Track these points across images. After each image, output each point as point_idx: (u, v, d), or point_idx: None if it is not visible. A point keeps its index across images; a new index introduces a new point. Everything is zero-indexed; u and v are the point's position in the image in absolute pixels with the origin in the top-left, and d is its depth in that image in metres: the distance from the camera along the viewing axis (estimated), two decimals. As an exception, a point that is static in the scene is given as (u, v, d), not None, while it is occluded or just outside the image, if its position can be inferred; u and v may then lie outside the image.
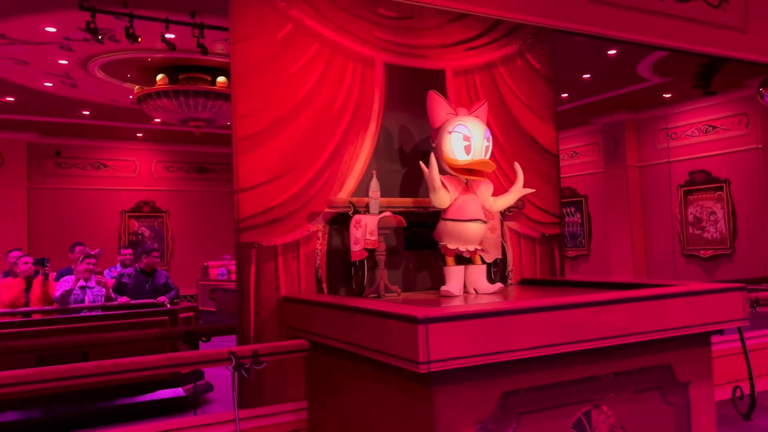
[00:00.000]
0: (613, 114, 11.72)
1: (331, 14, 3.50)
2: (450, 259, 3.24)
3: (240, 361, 2.64)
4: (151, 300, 6.05)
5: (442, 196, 3.15)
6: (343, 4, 3.54)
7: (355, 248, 3.26)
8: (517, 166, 3.42)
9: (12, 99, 10.16)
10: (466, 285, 3.27)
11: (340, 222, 3.44)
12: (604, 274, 12.00)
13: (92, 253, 6.51)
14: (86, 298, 6.04)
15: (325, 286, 3.40)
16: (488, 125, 3.43)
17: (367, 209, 3.34)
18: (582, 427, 2.49)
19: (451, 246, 3.19)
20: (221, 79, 8.07)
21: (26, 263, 6.25)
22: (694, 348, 2.81)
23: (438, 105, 3.35)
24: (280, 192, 3.33)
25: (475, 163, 3.21)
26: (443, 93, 3.71)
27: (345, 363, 2.77)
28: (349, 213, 3.35)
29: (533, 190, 3.55)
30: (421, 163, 3.18)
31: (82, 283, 6.03)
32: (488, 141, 3.31)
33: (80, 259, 6.27)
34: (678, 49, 4.97)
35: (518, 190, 3.40)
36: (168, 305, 5.97)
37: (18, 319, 5.73)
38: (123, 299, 6.10)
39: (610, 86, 10.10)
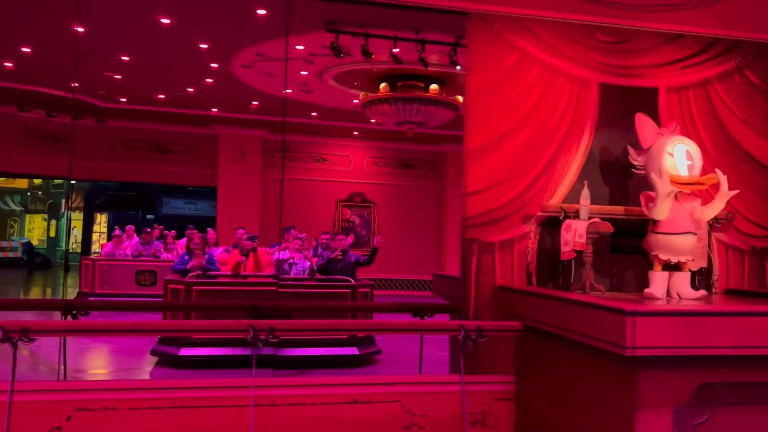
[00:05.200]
0: None
1: (552, 42, 3.98)
2: (657, 265, 3.55)
3: (468, 332, 3.28)
4: (341, 276, 7.51)
5: (667, 206, 3.44)
6: (563, 32, 3.99)
7: (565, 249, 3.73)
8: (718, 172, 3.61)
9: (257, 103, 12.11)
10: (669, 290, 3.55)
11: (550, 225, 3.92)
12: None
13: (300, 236, 8.11)
14: (292, 271, 7.64)
15: (534, 279, 3.91)
16: (699, 140, 3.68)
17: (576, 215, 3.78)
18: (778, 426, 2.71)
19: (663, 257, 3.47)
20: (434, 86, 8.90)
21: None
22: None
23: (648, 126, 3.69)
24: (500, 196, 3.89)
25: (708, 178, 3.55)
26: (655, 109, 4.01)
27: (554, 344, 3.27)
28: (560, 218, 3.82)
29: (737, 191, 3.68)
30: (652, 174, 3.52)
31: (288, 258, 7.68)
32: (702, 160, 3.60)
33: (291, 239, 7.89)
34: None
35: (724, 195, 3.60)
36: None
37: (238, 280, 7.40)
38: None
39: None
